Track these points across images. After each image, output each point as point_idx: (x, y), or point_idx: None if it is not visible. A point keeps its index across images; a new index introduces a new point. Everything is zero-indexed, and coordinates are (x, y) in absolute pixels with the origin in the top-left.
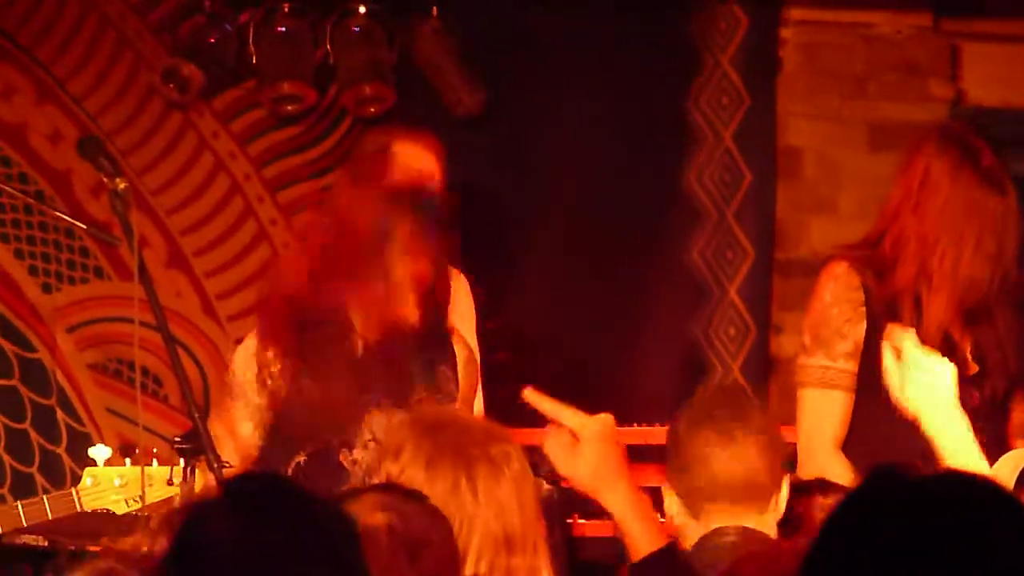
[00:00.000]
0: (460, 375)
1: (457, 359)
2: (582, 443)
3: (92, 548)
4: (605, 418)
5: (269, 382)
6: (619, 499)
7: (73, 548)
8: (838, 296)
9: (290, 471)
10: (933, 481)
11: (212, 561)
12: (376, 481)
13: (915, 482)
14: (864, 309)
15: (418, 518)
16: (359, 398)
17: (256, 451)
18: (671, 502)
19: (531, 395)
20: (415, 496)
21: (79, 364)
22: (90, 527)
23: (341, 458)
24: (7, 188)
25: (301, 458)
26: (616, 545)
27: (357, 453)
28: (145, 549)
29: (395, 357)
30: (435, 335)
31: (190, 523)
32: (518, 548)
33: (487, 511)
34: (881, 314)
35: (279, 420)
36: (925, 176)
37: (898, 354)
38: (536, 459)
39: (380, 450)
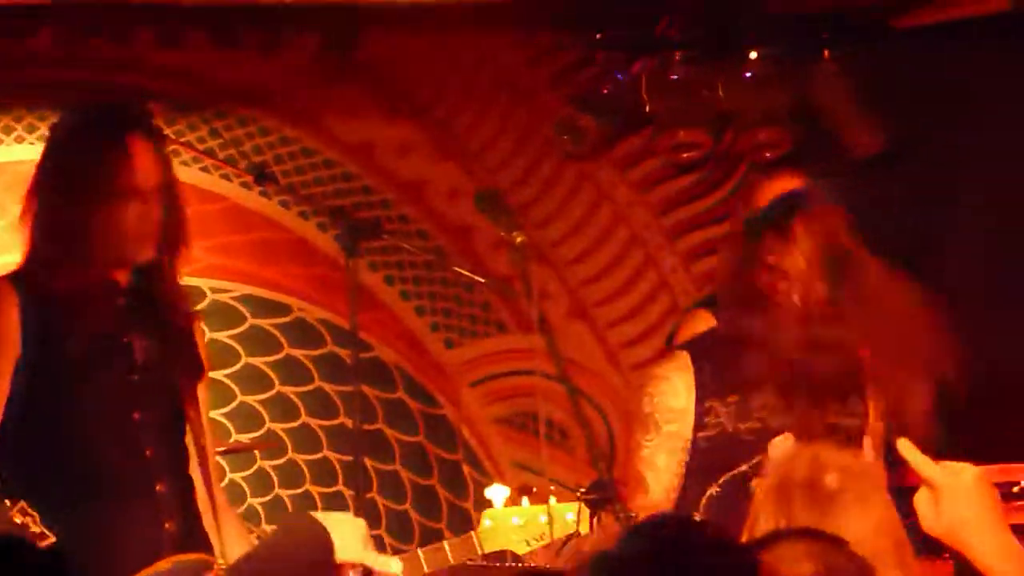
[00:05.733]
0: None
1: None
2: (944, 496)
3: None
4: (965, 469)
5: (708, 419)
6: (986, 554)
7: None
8: None
9: (704, 502)
10: None
11: None
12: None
13: None
14: None
15: (844, 566)
16: (771, 428)
17: (677, 480)
18: None
19: (904, 445)
20: (839, 542)
21: (485, 418)
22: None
23: (752, 485)
24: (407, 246)
25: (715, 489)
26: None
27: (755, 482)
28: None
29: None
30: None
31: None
32: None
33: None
34: None
35: (696, 452)
36: None
37: None
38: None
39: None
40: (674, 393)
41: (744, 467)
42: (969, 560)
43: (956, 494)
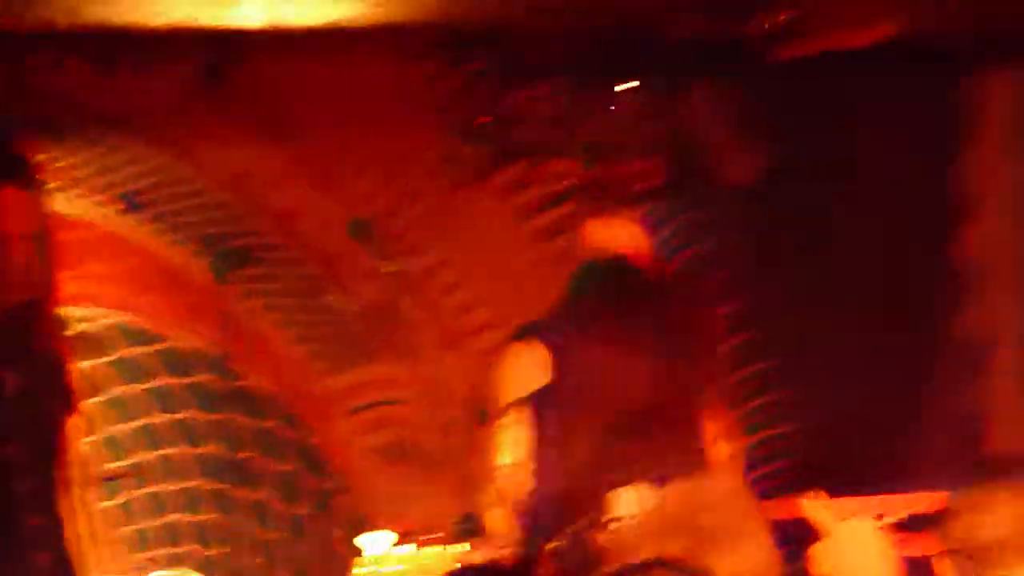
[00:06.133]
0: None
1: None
2: (840, 547)
3: None
4: (864, 522)
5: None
6: None
7: None
8: None
9: (548, 555)
10: None
11: None
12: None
13: None
14: None
15: None
16: (602, 478)
17: (509, 531)
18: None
19: (810, 504)
20: (699, 572)
21: (357, 447)
22: None
23: (592, 540)
24: (280, 273)
25: (558, 542)
26: None
27: (603, 535)
28: None
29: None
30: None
31: None
32: None
33: None
34: None
35: (532, 507)
36: None
37: None
38: None
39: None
40: (508, 448)
41: (585, 520)
42: None
43: (855, 547)
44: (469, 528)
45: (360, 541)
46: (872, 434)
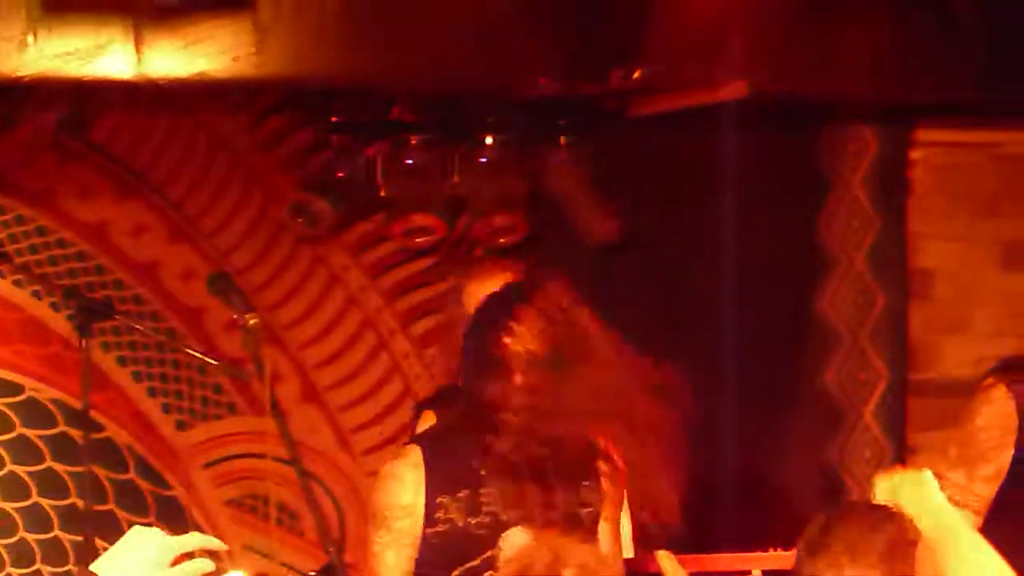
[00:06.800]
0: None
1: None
2: None
3: None
4: None
5: (439, 515)
6: None
7: None
8: (990, 421)
9: None
10: None
11: None
12: None
13: None
14: (1013, 437)
15: None
16: (502, 521)
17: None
18: None
19: (663, 556)
20: None
21: (215, 501)
22: None
23: None
24: (140, 327)
25: None
26: None
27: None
28: None
29: (538, 477)
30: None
31: None
32: None
33: None
34: None
35: (426, 546)
36: None
37: None
38: None
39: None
40: (403, 490)
41: (476, 561)
42: None
43: None
44: None
45: None
46: (735, 491)
